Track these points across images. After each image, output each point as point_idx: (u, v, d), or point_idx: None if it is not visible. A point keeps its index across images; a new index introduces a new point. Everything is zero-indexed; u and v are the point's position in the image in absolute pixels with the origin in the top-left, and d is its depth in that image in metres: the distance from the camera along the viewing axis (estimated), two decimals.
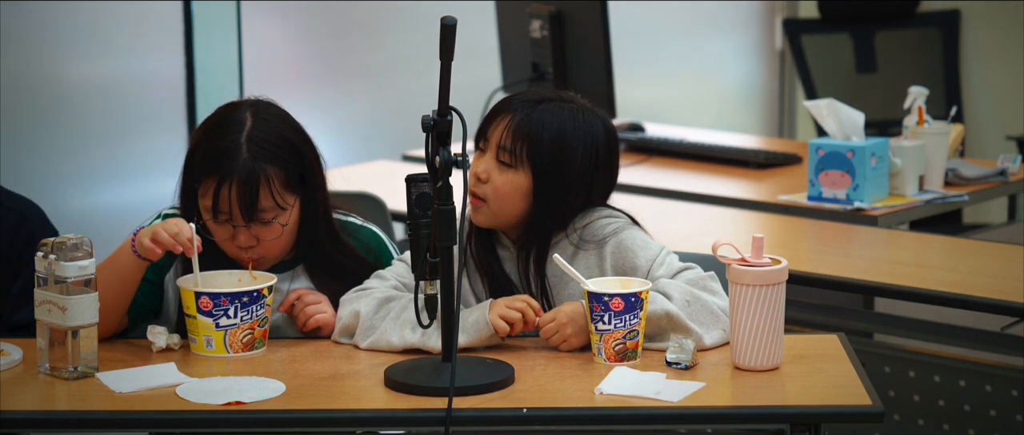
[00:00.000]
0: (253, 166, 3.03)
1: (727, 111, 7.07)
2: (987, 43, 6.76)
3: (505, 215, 3.07)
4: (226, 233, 3.08)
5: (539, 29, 5.17)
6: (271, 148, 3.06)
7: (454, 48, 2.71)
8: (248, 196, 3.03)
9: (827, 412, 2.72)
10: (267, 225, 3.07)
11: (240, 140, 3.05)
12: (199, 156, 3.08)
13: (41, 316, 2.86)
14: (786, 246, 3.99)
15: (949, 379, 4.18)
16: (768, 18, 7.06)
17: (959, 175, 4.54)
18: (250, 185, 3.03)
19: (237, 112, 3.10)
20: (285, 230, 3.09)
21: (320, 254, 3.16)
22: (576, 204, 3.08)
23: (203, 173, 3.06)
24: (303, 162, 3.10)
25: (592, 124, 3.07)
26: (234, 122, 3.08)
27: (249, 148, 3.04)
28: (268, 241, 3.08)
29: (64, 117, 5.06)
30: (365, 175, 4.83)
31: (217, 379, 2.85)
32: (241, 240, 3.07)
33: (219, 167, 3.04)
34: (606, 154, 3.09)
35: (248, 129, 3.07)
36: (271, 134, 3.07)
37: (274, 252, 3.12)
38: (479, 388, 2.76)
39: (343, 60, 5.81)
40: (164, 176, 5.01)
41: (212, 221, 3.08)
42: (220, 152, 3.04)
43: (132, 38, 5.18)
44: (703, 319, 2.96)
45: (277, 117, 3.12)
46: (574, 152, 3.05)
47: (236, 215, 3.05)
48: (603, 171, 3.10)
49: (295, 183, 3.09)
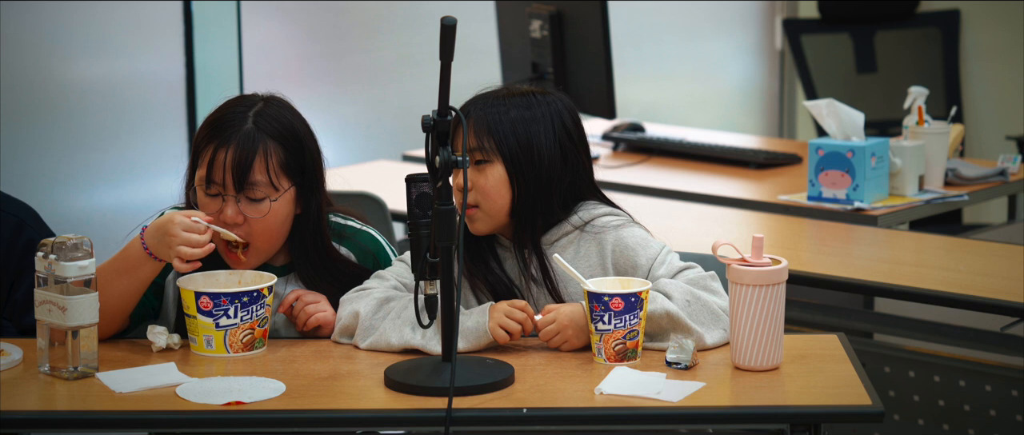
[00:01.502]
0: (254, 135, 3.06)
1: (727, 111, 7.07)
2: (987, 43, 6.76)
3: (498, 212, 3.08)
4: (215, 206, 3.07)
5: (539, 29, 5.17)
6: (276, 126, 3.09)
7: (454, 48, 2.72)
8: (243, 163, 3.04)
9: (827, 412, 2.72)
10: (256, 203, 3.06)
11: (248, 113, 3.09)
12: (204, 127, 3.11)
13: (41, 316, 2.86)
14: (786, 246, 3.99)
15: (949, 379, 4.18)
16: (768, 18, 7.06)
17: (959, 175, 4.54)
18: (247, 153, 3.04)
19: (251, 97, 3.15)
20: (274, 217, 3.08)
21: (312, 261, 3.15)
22: (562, 182, 3.08)
23: (204, 142, 3.08)
24: (304, 153, 3.11)
25: (549, 102, 3.10)
26: (245, 102, 3.13)
27: (255, 120, 3.07)
28: (255, 220, 3.07)
29: (64, 117, 5.06)
30: (365, 175, 4.84)
31: (217, 379, 2.84)
32: (228, 214, 3.06)
33: (221, 133, 3.07)
34: (573, 126, 3.11)
35: (258, 108, 3.10)
36: (280, 117, 3.11)
37: (261, 242, 3.09)
38: (479, 388, 2.76)
39: (343, 60, 5.81)
40: (164, 176, 5.01)
41: (204, 194, 3.08)
42: (225, 121, 3.08)
43: (132, 38, 5.18)
44: (703, 319, 2.96)
45: (289, 109, 3.15)
46: (537, 131, 3.06)
47: (228, 184, 3.05)
48: (577, 143, 3.10)
49: (293, 169, 3.09)
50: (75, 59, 5.09)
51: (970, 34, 6.76)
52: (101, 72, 5.15)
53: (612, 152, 5.19)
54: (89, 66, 5.13)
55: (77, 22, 5.04)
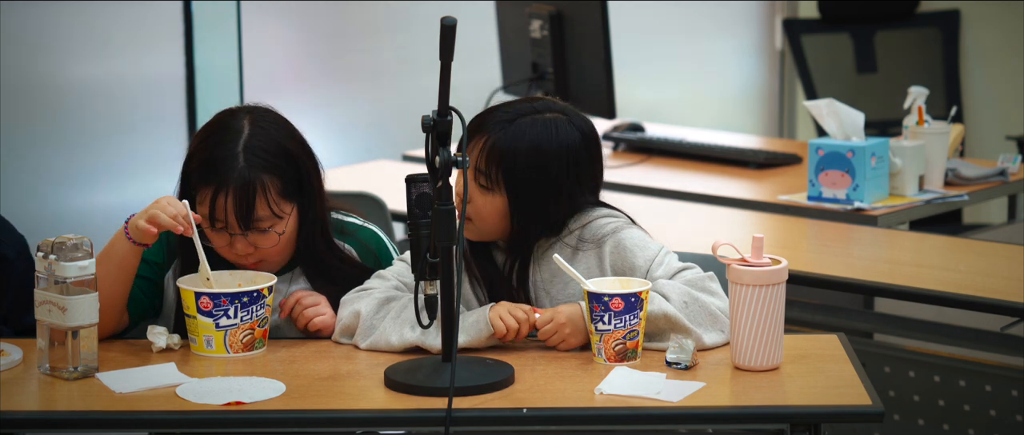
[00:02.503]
0: (249, 175, 3.03)
1: (727, 111, 7.07)
2: (987, 43, 6.76)
3: (490, 232, 3.08)
4: (223, 241, 3.08)
5: (539, 29, 5.17)
6: (268, 157, 3.06)
7: (454, 48, 2.71)
8: (244, 205, 3.03)
9: (827, 412, 2.72)
10: (264, 233, 3.07)
11: (237, 149, 3.04)
12: (196, 164, 3.08)
13: (41, 316, 2.86)
14: (786, 246, 3.99)
15: (949, 379, 4.18)
16: (768, 18, 7.06)
17: (959, 175, 4.54)
18: (246, 195, 3.03)
19: (235, 120, 3.10)
20: (283, 238, 3.09)
21: (317, 259, 3.15)
22: (561, 210, 3.07)
23: (200, 182, 3.06)
24: (300, 170, 3.10)
25: (566, 134, 3.04)
26: (231, 130, 3.07)
27: (246, 157, 3.04)
28: (265, 249, 3.08)
29: (64, 117, 5.05)
30: (365, 175, 4.84)
31: (217, 379, 2.84)
32: (238, 248, 3.07)
33: (215, 176, 3.03)
34: (586, 159, 3.07)
35: (245, 138, 3.06)
36: (268, 143, 3.07)
37: (273, 259, 3.12)
38: (479, 388, 2.76)
39: (343, 60, 5.80)
40: (164, 176, 5.01)
41: (210, 229, 3.08)
42: (217, 161, 3.04)
43: (132, 38, 5.18)
44: (701, 320, 2.96)
45: (275, 125, 3.11)
46: (548, 167, 3.02)
47: (232, 224, 3.05)
48: (584, 175, 3.07)
49: (292, 191, 3.09)
50: (75, 59, 5.09)
51: (970, 34, 6.76)
52: (101, 72, 5.15)
53: (612, 152, 5.19)
54: (89, 66, 5.12)
55: (77, 22, 5.04)
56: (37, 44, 4.97)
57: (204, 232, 3.07)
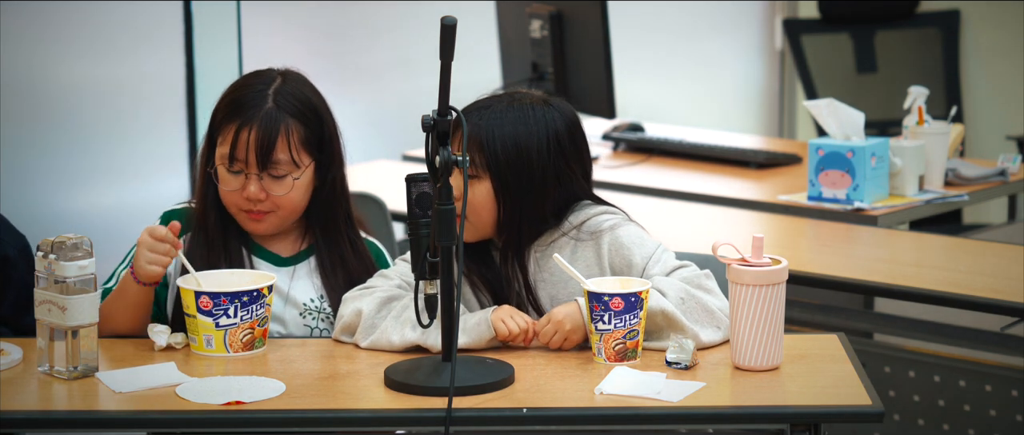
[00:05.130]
0: (276, 115, 3.11)
1: (727, 111, 7.07)
2: (987, 43, 6.76)
3: (484, 225, 3.08)
4: (238, 183, 3.12)
5: (539, 29, 5.17)
6: (296, 104, 3.14)
7: (454, 48, 2.72)
8: (266, 144, 3.09)
9: (827, 412, 2.72)
10: (279, 180, 3.11)
11: (268, 92, 3.14)
12: (223, 104, 3.16)
13: (41, 316, 2.86)
14: (786, 246, 3.99)
15: (949, 379, 4.18)
16: (768, 18, 7.06)
17: (959, 175, 4.54)
18: (269, 132, 3.09)
19: (268, 73, 3.20)
20: (294, 192, 3.12)
21: (332, 237, 3.17)
22: (551, 193, 3.07)
23: (225, 121, 3.13)
24: (324, 128, 3.17)
25: (544, 115, 3.06)
26: (263, 79, 3.18)
27: (275, 99, 3.13)
28: (277, 196, 3.11)
29: (64, 117, 5.05)
30: (365, 175, 4.83)
31: (217, 379, 2.85)
32: (251, 191, 3.11)
33: (242, 113, 3.11)
34: (568, 138, 3.08)
35: (277, 85, 3.16)
36: (298, 93, 3.16)
37: (281, 213, 3.13)
38: (479, 388, 2.76)
39: (343, 60, 5.81)
40: (164, 176, 5.01)
41: (227, 171, 3.12)
42: (246, 100, 3.13)
43: (132, 38, 5.18)
44: (698, 317, 2.96)
45: (307, 85, 3.21)
46: (529, 148, 3.04)
47: (251, 162, 3.10)
48: (571, 156, 3.08)
49: (313, 145, 3.14)
50: (75, 59, 5.08)
51: (970, 34, 6.76)
52: (101, 72, 5.15)
53: (612, 152, 5.19)
54: (89, 66, 5.12)
55: (77, 22, 5.04)
56: (37, 44, 4.97)
57: (215, 173, 3.12)
